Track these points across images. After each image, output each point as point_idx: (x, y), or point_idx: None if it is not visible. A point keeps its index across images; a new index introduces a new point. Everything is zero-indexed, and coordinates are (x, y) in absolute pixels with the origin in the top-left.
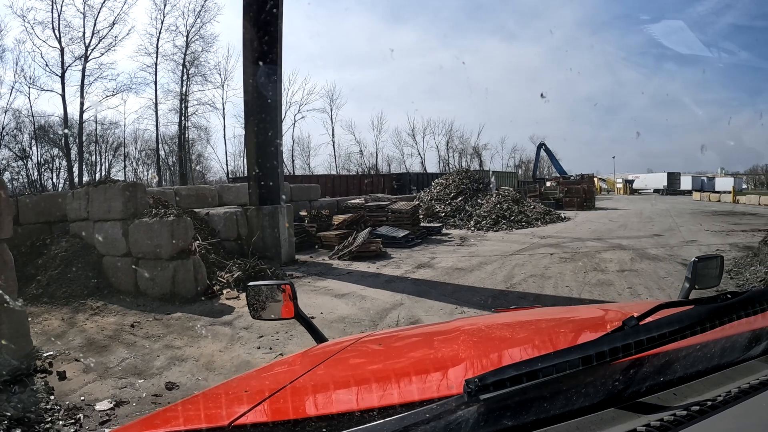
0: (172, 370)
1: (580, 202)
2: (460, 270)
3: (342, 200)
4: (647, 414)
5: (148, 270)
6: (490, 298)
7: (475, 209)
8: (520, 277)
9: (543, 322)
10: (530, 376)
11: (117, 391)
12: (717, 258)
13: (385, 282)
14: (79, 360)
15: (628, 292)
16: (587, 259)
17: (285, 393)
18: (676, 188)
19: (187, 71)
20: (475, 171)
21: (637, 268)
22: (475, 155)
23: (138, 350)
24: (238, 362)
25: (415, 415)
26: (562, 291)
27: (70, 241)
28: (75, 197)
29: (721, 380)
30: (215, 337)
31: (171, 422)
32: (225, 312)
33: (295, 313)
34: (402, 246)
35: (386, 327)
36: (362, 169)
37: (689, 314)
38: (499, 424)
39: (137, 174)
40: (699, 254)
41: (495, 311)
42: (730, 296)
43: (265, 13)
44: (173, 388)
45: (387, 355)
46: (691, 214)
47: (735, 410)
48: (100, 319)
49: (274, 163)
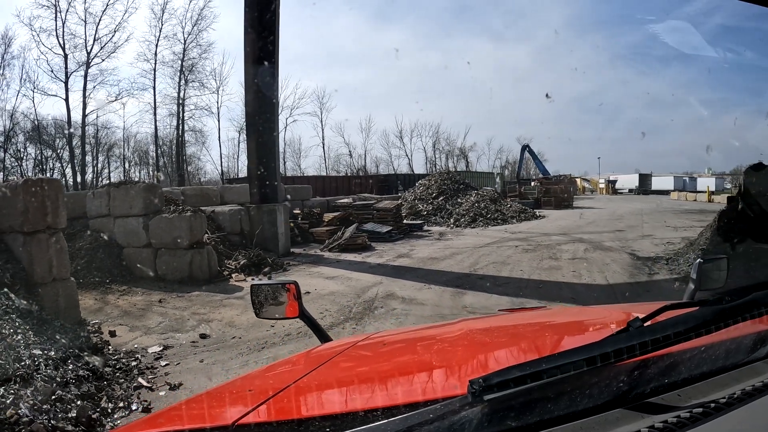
0: (202, 327)
1: (557, 202)
2: (433, 259)
3: (332, 200)
4: (652, 415)
5: (168, 258)
6: (455, 278)
7: (455, 208)
8: (483, 263)
9: (547, 323)
10: (534, 377)
11: (162, 341)
12: (723, 259)
13: (368, 267)
14: (123, 324)
15: (571, 275)
16: (546, 250)
17: (289, 392)
18: (648, 188)
19: (184, 77)
20: (456, 172)
21: (588, 257)
22: (462, 156)
23: (170, 317)
24: (253, 321)
25: (418, 415)
26: (515, 274)
27: (93, 235)
28: (96, 196)
29: (726, 382)
30: (231, 307)
31: (175, 421)
32: (236, 290)
33: (300, 313)
34: (386, 240)
35: (367, 299)
36: (351, 170)
37: (694, 316)
38: (503, 424)
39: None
40: (638, 250)
41: (499, 311)
42: (735, 298)
43: (264, 22)
44: (206, 337)
45: (391, 355)
46: (662, 213)
47: (740, 412)
48: (129, 298)
49: (272, 167)
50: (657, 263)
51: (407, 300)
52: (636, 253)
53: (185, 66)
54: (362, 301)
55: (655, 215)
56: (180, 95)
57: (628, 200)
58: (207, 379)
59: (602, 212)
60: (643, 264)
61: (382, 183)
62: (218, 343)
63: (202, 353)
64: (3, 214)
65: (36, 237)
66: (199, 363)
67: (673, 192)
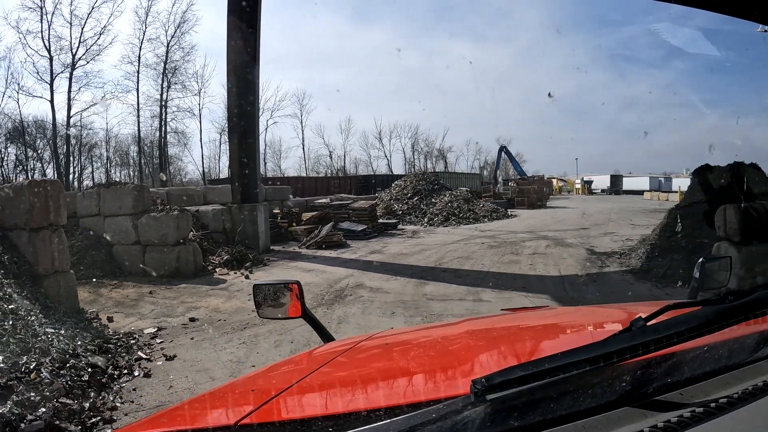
0: (191, 312)
1: (531, 202)
2: (403, 254)
3: (311, 200)
4: (654, 415)
5: (156, 254)
6: (420, 271)
7: (429, 207)
8: (448, 258)
9: (550, 323)
10: (537, 377)
11: (155, 324)
12: (725, 258)
13: (342, 262)
14: (118, 312)
15: (527, 268)
16: (510, 246)
17: (291, 392)
18: (619, 189)
19: (167, 79)
20: (431, 173)
21: (547, 252)
22: (441, 157)
23: (161, 305)
24: (236, 307)
25: (421, 415)
26: (476, 267)
27: (83, 233)
28: (86, 196)
29: (729, 381)
30: (216, 296)
31: (178, 421)
32: (220, 282)
33: (302, 313)
34: (360, 238)
35: (338, 288)
36: (331, 171)
37: (696, 315)
38: (506, 424)
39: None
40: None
41: (502, 311)
42: (737, 297)
43: (246, 35)
44: (195, 320)
45: (393, 354)
46: (630, 212)
47: (742, 411)
48: (120, 290)
49: (253, 168)
50: (611, 257)
51: (374, 289)
52: (594, 249)
53: (168, 68)
54: (334, 290)
55: (624, 214)
56: (163, 97)
57: (602, 200)
58: (197, 351)
59: (573, 212)
60: (598, 258)
61: (360, 184)
62: (206, 325)
63: (192, 333)
64: (7, 213)
65: (40, 233)
66: (190, 340)
67: (647, 192)
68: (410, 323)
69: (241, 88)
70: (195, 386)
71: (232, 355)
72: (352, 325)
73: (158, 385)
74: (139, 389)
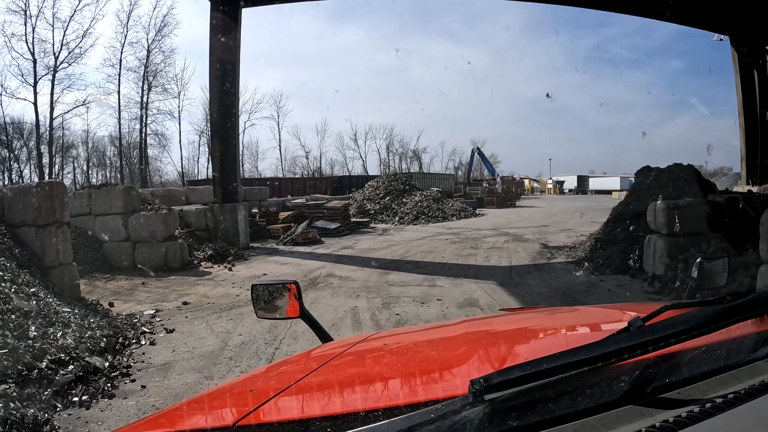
0: (183, 298)
1: (500, 201)
2: (372, 249)
3: (287, 200)
4: (652, 414)
5: (145, 250)
6: (385, 263)
7: (400, 207)
8: (412, 252)
9: (548, 323)
10: (535, 377)
11: (153, 307)
12: (723, 258)
13: (316, 256)
14: (116, 299)
15: (482, 260)
16: (471, 242)
17: (290, 393)
18: (585, 189)
19: (148, 82)
20: (402, 174)
21: (504, 247)
22: (415, 158)
23: (154, 293)
24: (223, 293)
25: (419, 415)
26: (436, 260)
27: (75, 231)
28: (77, 197)
29: (727, 381)
30: (204, 285)
31: (176, 422)
32: (206, 274)
33: (301, 313)
34: (334, 236)
35: (312, 278)
36: (307, 172)
37: (695, 315)
38: (504, 424)
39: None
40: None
41: (501, 311)
42: (736, 297)
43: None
44: (187, 303)
45: (391, 355)
46: (594, 211)
47: (740, 411)
48: (114, 282)
49: (234, 170)
50: (561, 251)
51: (343, 278)
52: (548, 244)
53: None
54: (308, 279)
55: (588, 213)
56: (143, 100)
57: (571, 200)
58: (192, 326)
59: (540, 211)
60: (549, 251)
61: (335, 184)
62: (197, 307)
63: (186, 313)
64: (14, 211)
65: (47, 229)
66: (185, 318)
67: (615, 192)
68: (371, 304)
69: (223, 91)
70: (193, 349)
71: (222, 327)
72: (322, 305)
73: (163, 350)
74: (148, 353)
